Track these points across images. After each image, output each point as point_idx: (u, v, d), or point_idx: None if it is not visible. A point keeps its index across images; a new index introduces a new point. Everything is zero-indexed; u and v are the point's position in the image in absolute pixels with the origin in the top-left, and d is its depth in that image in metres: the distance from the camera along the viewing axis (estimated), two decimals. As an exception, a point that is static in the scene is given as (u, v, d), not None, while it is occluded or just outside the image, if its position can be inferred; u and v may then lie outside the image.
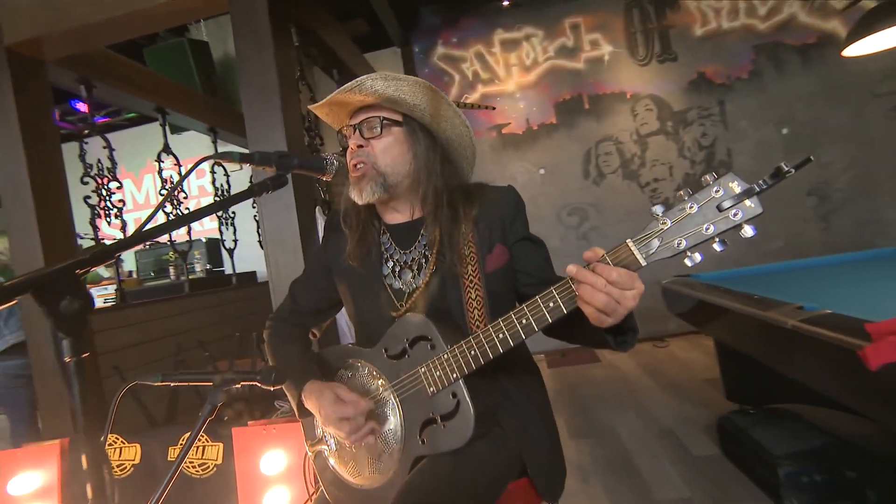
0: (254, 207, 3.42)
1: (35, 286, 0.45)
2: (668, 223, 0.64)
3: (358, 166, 0.89)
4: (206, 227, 4.40)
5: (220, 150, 3.04)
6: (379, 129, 0.89)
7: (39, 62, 1.83)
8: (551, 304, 0.69)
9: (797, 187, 3.93)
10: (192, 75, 3.13)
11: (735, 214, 0.62)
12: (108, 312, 2.01)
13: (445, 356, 0.79)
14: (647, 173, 4.17)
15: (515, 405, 0.90)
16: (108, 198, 2.07)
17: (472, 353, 0.76)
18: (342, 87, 0.87)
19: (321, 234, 1.78)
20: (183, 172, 2.63)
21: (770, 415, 2.02)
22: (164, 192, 2.48)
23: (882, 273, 2.03)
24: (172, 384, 0.75)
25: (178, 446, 1.59)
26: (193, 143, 3.78)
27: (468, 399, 0.77)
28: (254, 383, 0.82)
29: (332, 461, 0.94)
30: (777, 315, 1.47)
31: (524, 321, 0.72)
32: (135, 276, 3.95)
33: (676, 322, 4.22)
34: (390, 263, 0.96)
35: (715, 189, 0.63)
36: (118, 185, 2.12)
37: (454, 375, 0.78)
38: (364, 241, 0.97)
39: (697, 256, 0.64)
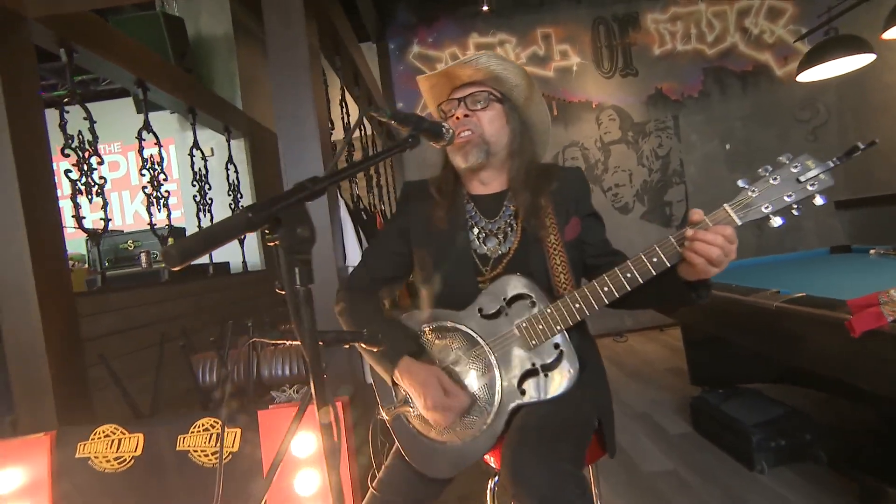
0: (229, 195, 3.26)
1: (277, 214, 0.46)
2: (756, 191, 0.75)
3: (464, 133, 0.96)
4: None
5: (198, 132, 2.89)
6: (485, 102, 0.99)
7: (20, 17, 1.66)
8: (654, 260, 0.79)
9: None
10: (167, 52, 2.94)
11: (812, 185, 0.74)
12: (92, 296, 1.84)
13: (549, 310, 0.86)
14: (610, 179, 4.48)
15: (587, 362, 0.99)
16: (89, 173, 1.90)
17: (577, 305, 0.84)
18: (460, 60, 0.96)
19: (342, 215, 1.77)
20: (161, 153, 2.47)
21: (735, 393, 2.26)
22: (144, 172, 2.31)
23: (821, 266, 2.36)
24: (289, 342, 0.75)
25: (190, 434, 1.50)
26: (159, 125, 3.54)
27: (572, 347, 0.84)
28: (359, 343, 0.83)
29: (414, 424, 0.96)
30: (760, 299, 1.68)
31: (629, 275, 0.81)
32: (86, 266, 3.61)
33: (633, 319, 4.57)
34: (475, 230, 1.02)
35: (794, 166, 0.75)
36: (100, 160, 1.96)
37: (558, 327, 0.85)
38: (452, 207, 1.02)
39: (779, 220, 0.76)
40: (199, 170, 2.87)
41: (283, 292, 0.49)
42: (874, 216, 4.16)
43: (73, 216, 1.80)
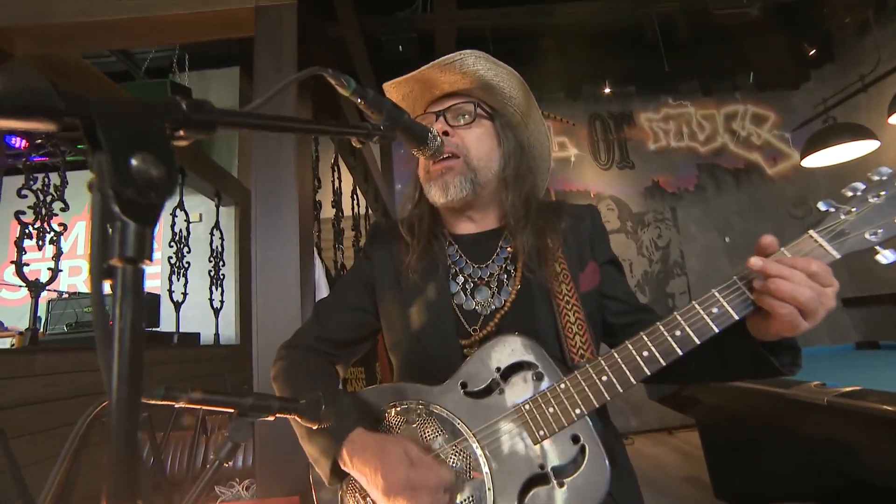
0: (210, 261, 3.07)
1: (97, 112, 0.26)
2: (855, 212, 0.56)
3: (442, 158, 0.76)
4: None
5: (189, 197, 2.79)
6: (471, 117, 0.79)
7: (7, 55, 1.60)
8: (715, 310, 0.56)
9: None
10: (167, 115, 2.95)
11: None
12: (4, 355, 1.55)
13: (563, 386, 0.61)
14: (610, 266, 4.34)
15: (616, 464, 0.71)
16: (47, 218, 1.72)
17: (605, 379, 0.59)
18: (436, 61, 0.76)
19: (317, 276, 1.57)
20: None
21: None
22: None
23: (853, 362, 2.11)
24: (179, 404, 0.49)
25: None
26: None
27: (599, 442, 0.58)
28: (292, 416, 0.58)
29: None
30: (804, 392, 1.41)
31: (678, 333, 0.57)
32: (41, 331, 3.29)
33: (638, 419, 4.15)
34: (460, 279, 0.79)
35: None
36: (63, 206, 1.80)
37: (577, 411, 0.59)
38: (428, 252, 0.81)
39: (890, 255, 0.55)
40: (180, 231, 2.71)
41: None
42: (883, 314, 3.98)
43: (12, 262, 1.58)
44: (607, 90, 4.41)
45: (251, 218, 1.30)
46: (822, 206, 0.58)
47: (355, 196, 2.93)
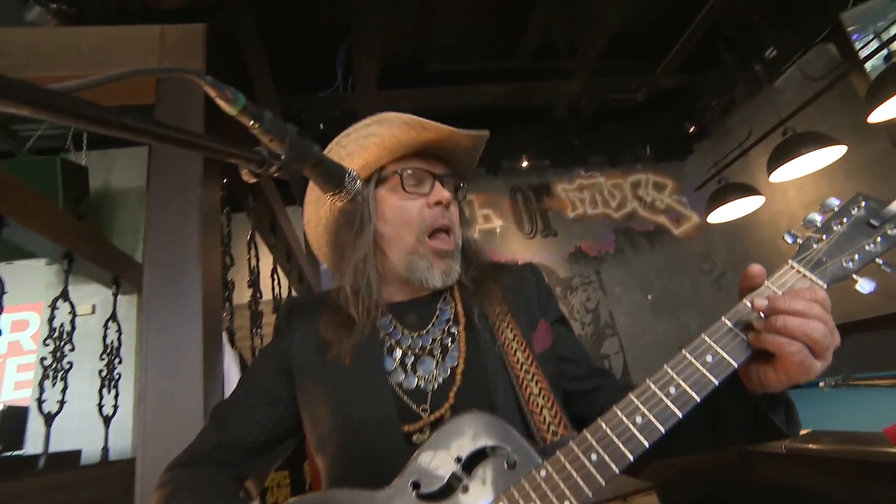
0: (102, 359, 2.60)
1: None
2: (826, 240, 0.53)
3: (447, 235, 0.72)
4: (7, 395, 3.14)
5: (83, 286, 2.40)
6: (462, 194, 0.79)
7: None
8: (710, 359, 0.48)
9: (673, 343, 4.44)
10: (57, 196, 2.63)
11: (893, 229, 0.53)
12: None
13: (544, 473, 0.47)
14: (546, 331, 4.36)
15: None
16: None
17: (595, 457, 0.47)
18: (476, 132, 0.75)
19: (227, 367, 1.33)
20: (1, 301, 1.92)
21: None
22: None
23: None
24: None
25: None
26: (19, 281, 3.01)
27: (596, 546, 0.44)
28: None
29: None
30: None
31: (673, 390, 0.48)
32: None
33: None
34: (397, 353, 0.66)
35: (852, 208, 0.55)
36: None
37: (566, 505, 0.46)
38: (362, 326, 0.67)
39: (869, 284, 0.51)
40: (62, 325, 2.28)
41: None
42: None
43: None
44: (525, 163, 4.71)
45: (141, 297, 1.08)
46: (787, 239, 0.56)
47: (276, 276, 2.70)
